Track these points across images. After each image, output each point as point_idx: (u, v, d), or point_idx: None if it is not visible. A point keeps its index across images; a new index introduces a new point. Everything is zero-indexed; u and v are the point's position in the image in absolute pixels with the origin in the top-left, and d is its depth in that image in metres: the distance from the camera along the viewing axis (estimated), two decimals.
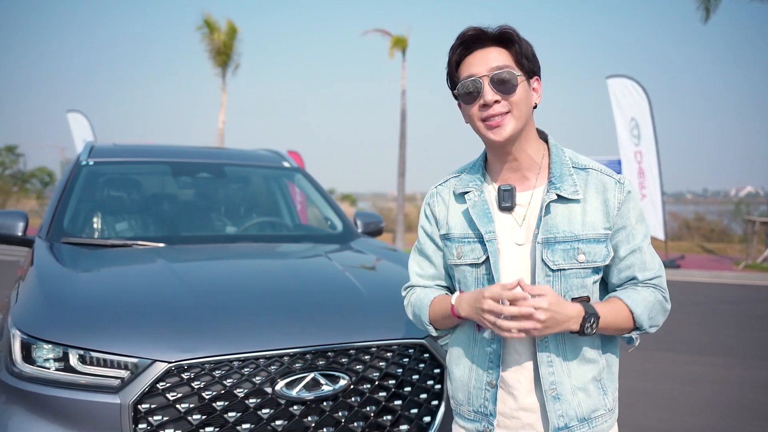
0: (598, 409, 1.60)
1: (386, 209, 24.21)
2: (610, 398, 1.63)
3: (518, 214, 1.61)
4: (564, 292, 1.54)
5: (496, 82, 1.52)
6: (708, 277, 12.07)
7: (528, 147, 1.61)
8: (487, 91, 1.52)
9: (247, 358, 2.13)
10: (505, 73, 1.52)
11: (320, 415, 2.19)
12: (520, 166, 1.61)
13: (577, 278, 1.54)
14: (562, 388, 1.56)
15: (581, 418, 1.57)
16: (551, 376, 1.56)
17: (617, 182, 1.59)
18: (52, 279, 2.62)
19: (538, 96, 1.61)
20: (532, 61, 1.57)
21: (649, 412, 4.38)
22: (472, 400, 1.66)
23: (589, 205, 1.56)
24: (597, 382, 1.60)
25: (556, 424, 1.56)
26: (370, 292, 2.64)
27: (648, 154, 13.11)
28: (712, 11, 13.97)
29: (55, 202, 3.50)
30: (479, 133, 1.61)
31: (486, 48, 1.55)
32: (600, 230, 1.55)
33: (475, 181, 1.67)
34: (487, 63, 1.53)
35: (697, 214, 21.08)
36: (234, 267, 3.09)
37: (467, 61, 1.56)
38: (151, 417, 2.04)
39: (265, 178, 4.58)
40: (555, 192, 1.56)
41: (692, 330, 7.11)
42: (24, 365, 2.12)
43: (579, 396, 1.57)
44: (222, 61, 20.27)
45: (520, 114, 1.55)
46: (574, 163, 1.62)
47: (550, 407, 1.56)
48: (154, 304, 2.38)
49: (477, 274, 1.62)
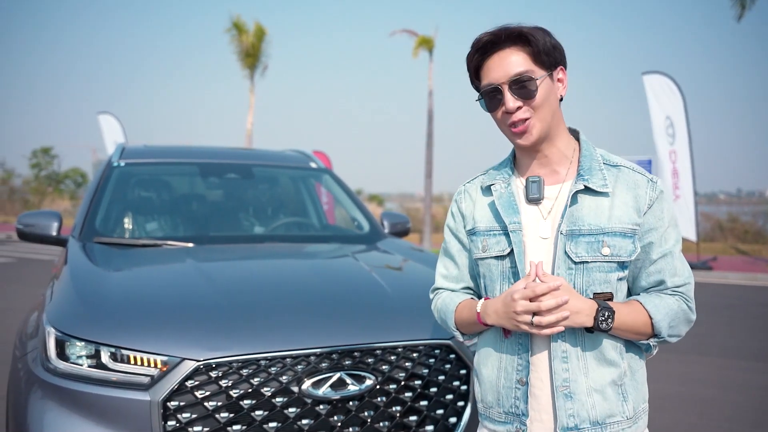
0: (615, 415, 1.53)
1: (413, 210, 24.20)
2: (631, 406, 1.55)
3: (545, 207, 1.59)
4: (586, 287, 1.51)
5: (516, 88, 1.51)
6: (742, 279, 11.80)
7: (558, 141, 1.59)
8: (509, 99, 1.52)
9: (274, 358, 2.15)
10: (524, 78, 1.51)
11: (346, 414, 2.20)
12: (549, 161, 1.60)
13: (600, 272, 1.51)
14: (576, 386, 1.51)
15: (594, 421, 1.51)
16: (565, 373, 1.52)
17: (650, 180, 1.56)
18: (85, 278, 2.68)
19: (563, 87, 1.59)
20: (551, 54, 1.54)
21: (681, 417, 4.31)
22: (502, 401, 1.60)
23: (618, 199, 1.53)
24: (617, 386, 1.53)
25: (565, 423, 1.51)
26: (397, 292, 2.64)
27: (682, 154, 12.84)
28: (747, 8, 13.68)
29: (88, 203, 3.57)
30: (507, 137, 1.61)
31: (503, 50, 1.53)
32: (627, 224, 1.51)
33: (503, 174, 1.67)
34: (505, 68, 1.52)
35: (731, 214, 20.63)
36: (262, 267, 3.12)
37: (486, 66, 1.56)
38: (179, 414, 2.07)
39: (292, 179, 4.62)
40: (583, 183, 1.54)
41: (726, 333, 6.97)
42: (58, 362, 2.18)
43: (594, 398, 1.51)
44: (250, 62, 20.48)
45: (544, 115, 1.53)
46: (606, 160, 1.59)
47: (560, 405, 1.51)
48: (183, 304, 2.42)
49: (502, 267, 1.59)
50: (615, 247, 1.50)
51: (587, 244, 1.50)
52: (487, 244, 1.62)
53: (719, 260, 14.00)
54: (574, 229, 1.52)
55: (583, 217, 1.52)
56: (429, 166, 18.37)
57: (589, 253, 1.50)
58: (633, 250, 1.52)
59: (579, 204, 1.54)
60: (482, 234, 1.64)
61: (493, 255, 1.60)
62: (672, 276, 1.55)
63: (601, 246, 1.50)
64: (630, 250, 1.51)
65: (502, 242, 1.59)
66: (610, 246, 1.50)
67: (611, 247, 1.50)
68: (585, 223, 1.52)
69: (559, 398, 1.51)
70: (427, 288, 2.21)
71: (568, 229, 1.52)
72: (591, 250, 1.50)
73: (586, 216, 1.52)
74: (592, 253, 1.50)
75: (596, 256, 1.50)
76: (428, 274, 3.02)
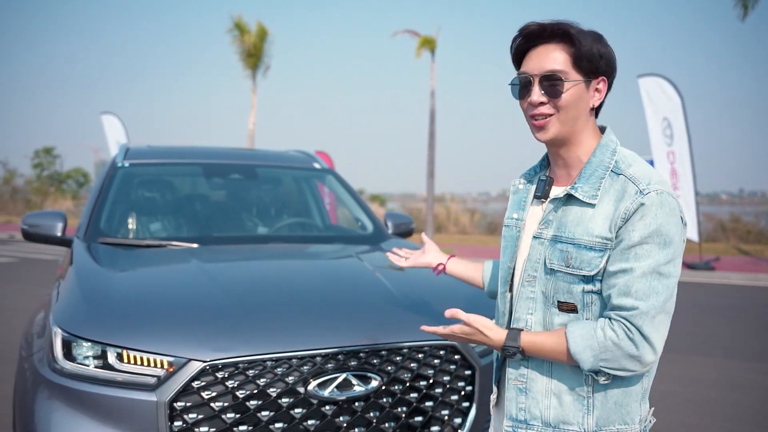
0: (570, 424, 1.51)
1: (415, 210, 24.19)
2: (593, 421, 1.49)
3: (546, 207, 1.61)
4: (553, 293, 1.52)
5: (545, 84, 1.51)
6: (745, 279, 11.79)
7: (578, 148, 1.56)
8: (535, 92, 1.52)
9: (280, 358, 2.16)
10: (555, 77, 1.50)
11: (352, 415, 2.20)
12: (566, 164, 1.60)
13: (564, 282, 1.50)
14: (533, 384, 1.55)
15: (546, 422, 1.53)
16: (523, 369, 1.57)
17: (638, 191, 1.44)
18: (91, 279, 2.68)
19: (599, 98, 1.55)
20: (595, 61, 1.50)
21: (683, 417, 4.31)
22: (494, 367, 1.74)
23: (599, 210, 1.48)
24: (579, 396, 1.51)
25: (514, 415, 1.57)
26: (401, 293, 2.65)
27: (681, 154, 12.86)
28: (751, 8, 13.67)
29: (92, 204, 3.58)
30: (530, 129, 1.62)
31: (546, 44, 1.53)
32: (595, 238, 1.46)
33: (531, 172, 1.72)
34: (542, 62, 1.51)
35: (733, 215, 20.57)
36: (266, 267, 3.13)
37: (528, 55, 1.56)
38: (186, 415, 2.08)
39: (296, 179, 4.63)
40: (569, 191, 1.52)
41: (729, 334, 6.96)
42: (65, 362, 2.18)
43: (551, 400, 1.53)
44: (252, 63, 20.50)
45: (566, 118, 1.52)
46: (615, 166, 1.52)
47: (511, 396, 1.58)
48: (188, 304, 2.43)
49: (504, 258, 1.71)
50: (577, 260, 1.47)
51: (559, 252, 1.51)
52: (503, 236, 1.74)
53: (721, 260, 13.99)
54: (557, 235, 1.53)
55: (567, 225, 1.52)
56: (431, 166, 18.37)
57: (558, 261, 1.51)
58: (597, 266, 1.45)
59: (566, 211, 1.54)
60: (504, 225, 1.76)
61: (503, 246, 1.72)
62: (620, 296, 1.42)
63: (567, 257, 1.49)
64: (594, 264, 1.45)
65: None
66: (574, 258, 1.48)
67: (574, 259, 1.48)
68: (566, 231, 1.52)
69: (510, 390, 1.59)
70: (432, 288, 2.22)
71: (552, 234, 1.54)
72: (559, 258, 1.51)
73: (569, 224, 1.52)
74: (559, 262, 1.51)
75: (561, 266, 1.50)
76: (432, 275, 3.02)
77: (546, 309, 1.54)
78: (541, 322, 1.55)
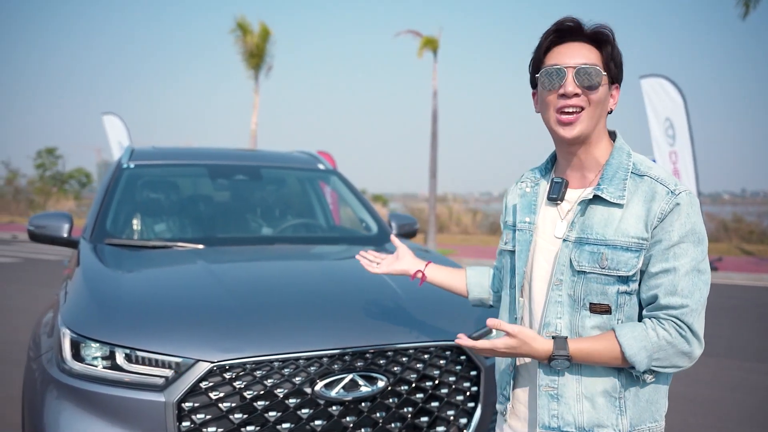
0: (605, 426, 1.52)
1: (417, 210, 24.18)
2: (627, 421, 1.51)
3: (563, 209, 1.61)
4: (584, 295, 1.52)
5: (582, 75, 1.51)
6: (747, 279, 11.79)
7: (595, 150, 1.58)
8: (570, 82, 1.51)
9: (287, 359, 2.17)
10: (592, 69, 1.51)
11: (358, 415, 2.22)
12: (582, 165, 1.60)
13: (597, 284, 1.50)
14: (565, 390, 1.53)
15: (580, 426, 1.52)
16: (553, 375, 1.54)
17: (669, 192, 1.48)
18: (98, 280, 2.70)
19: (614, 103, 1.60)
20: (618, 68, 1.57)
21: (686, 417, 4.32)
22: (501, 383, 1.73)
23: (629, 211, 1.49)
24: (612, 398, 1.52)
25: (547, 423, 1.54)
26: (407, 293, 2.66)
27: (683, 154, 12.87)
28: (752, 7, 13.66)
29: (98, 205, 3.59)
30: (549, 126, 1.59)
31: (579, 42, 1.54)
32: (631, 238, 1.47)
33: (537, 174, 1.72)
34: (576, 57, 1.52)
35: (735, 215, 20.55)
36: (272, 268, 3.15)
37: (557, 50, 1.55)
38: (194, 415, 2.10)
39: (300, 180, 4.64)
40: (595, 192, 1.53)
41: (732, 334, 6.96)
42: (73, 362, 2.20)
43: (584, 404, 1.52)
44: (255, 63, 20.49)
45: (594, 114, 1.53)
46: (636, 168, 1.55)
47: (543, 404, 1.55)
48: (195, 305, 2.44)
49: (510, 262, 1.69)
50: (614, 261, 1.48)
51: (589, 254, 1.51)
52: (507, 239, 1.73)
53: (724, 261, 13.98)
54: (582, 237, 1.53)
55: (593, 226, 1.52)
56: (433, 166, 18.37)
57: (590, 263, 1.51)
58: (634, 266, 1.47)
59: (591, 212, 1.54)
60: (507, 228, 1.75)
61: (508, 249, 1.71)
62: (668, 295, 1.45)
63: (601, 258, 1.49)
64: (631, 264, 1.47)
65: (513, 239, 1.69)
66: (609, 259, 1.48)
67: (610, 260, 1.48)
68: (593, 232, 1.52)
69: (542, 397, 1.56)
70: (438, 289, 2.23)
71: (576, 236, 1.54)
72: (591, 260, 1.50)
73: (595, 225, 1.52)
74: (591, 263, 1.50)
75: (594, 267, 1.50)
76: None
77: (574, 312, 1.53)
78: (568, 326, 1.54)
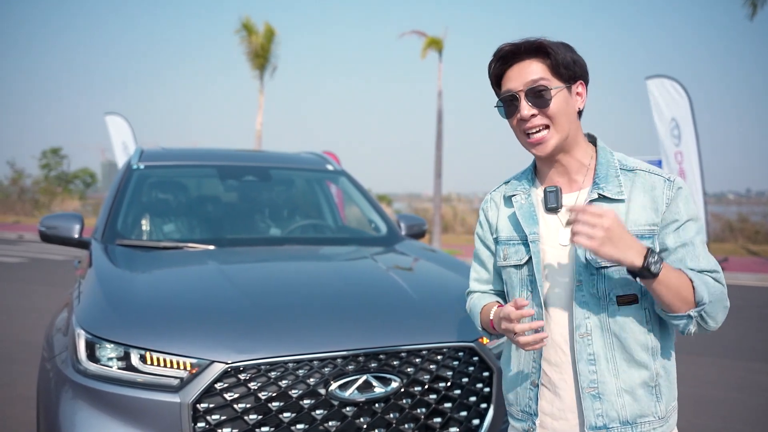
0: (647, 415, 1.56)
1: (422, 210, 24.19)
2: (663, 406, 1.58)
3: (563, 215, 1.62)
4: (609, 290, 1.54)
5: (532, 95, 1.55)
6: (754, 280, 11.76)
7: (576, 152, 1.62)
8: (524, 106, 1.56)
9: (301, 360, 2.18)
10: (540, 86, 1.54)
11: (372, 416, 2.23)
12: (567, 170, 1.63)
13: (621, 275, 1.53)
14: (605, 387, 1.55)
15: (624, 421, 1.55)
16: (592, 375, 1.55)
17: (666, 180, 1.57)
18: (112, 281, 2.71)
19: (582, 101, 1.62)
20: (571, 68, 1.58)
21: (693, 418, 4.31)
22: (519, 400, 1.70)
23: (634, 203, 1.55)
24: (650, 387, 1.57)
25: (593, 423, 1.55)
26: (419, 294, 2.67)
27: (689, 155, 12.86)
28: (759, 7, 13.63)
29: (109, 206, 3.61)
30: (524, 147, 1.63)
31: (522, 61, 1.58)
32: (644, 226, 1.53)
33: (524, 184, 1.71)
34: (523, 77, 1.56)
35: (741, 215, 20.47)
36: (284, 269, 3.16)
37: (506, 76, 1.60)
38: (209, 416, 2.11)
39: (309, 181, 4.66)
40: (597, 191, 1.56)
41: (738, 334, 6.95)
42: (88, 363, 2.21)
43: (625, 398, 1.55)
44: (260, 63, 20.51)
45: (560, 126, 1.57)
46: (623, 165, 1.61)
47: (588, 405, 1.55)
48: (209, 306, 2.45)
49: (521, 276, 1.66)
50: None
51: None
52: (507, 253, 1.70)
53: (730, 261, 13.95)
54: None
55: None
56: (438, 166, 18.36)
57: None
58: None
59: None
60: (503, 243, 1.72)
61: (512, 264, 1.68)
62: (694, 261, 1.52)
63: None
64: None
65: (521, 251, 1.66)
66: None
67: None
68: None
69: (586, 399, 1.56)
70: (448, 290, 2.25)
71: None
72: None
73: None
74: None
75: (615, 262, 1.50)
76: (448, 276, 3.05)
77: (600, 308, 1.55)
78: (598, 324, 1.55)
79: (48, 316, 6.00)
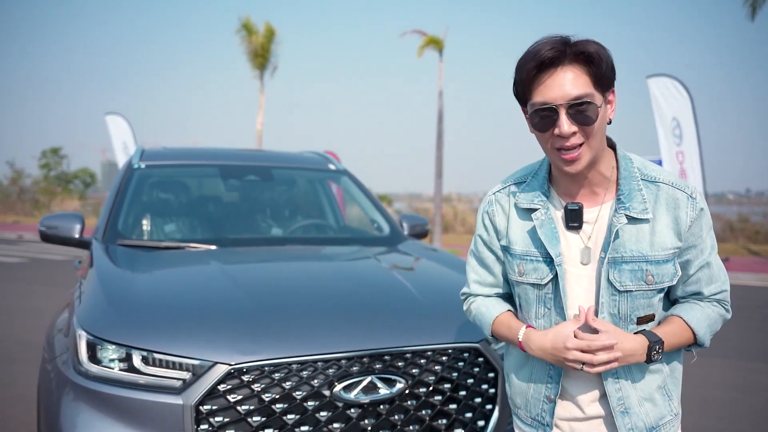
0: (665, 416, 1.60)
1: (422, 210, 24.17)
2: (675, 402, 1.62)
3: (585, 233, 1.54)
4: (630, 312, 1.52)
5: (575, 113, 1.40)
6: (754, 280, 11.74)
7: (601, 165, 1.52)
8: (564, 122, 1.40)
9: (305, 361, 2.16)
10: (585, 103, 1.40)
11: (377, 418, 2.20)
12: (590, 182, 1.54)
13: (644, 299, 1.51)
14: (629, 401, 1.56)
15: (650, 427, 1.58)
16: (618, 392, 1.55)
17: (689, 197, 1.51)
18: (113, 281, 2.69)
19: (612, 110, 1.49)
20: (610, 77, 1.44)
21: (697, 419, 4.29)
22: (529, 408, 1.67)
23: (658, 223, 1.49)
24: (662, 389, 1.59)
25: None
26: (423, 295, 2.65)
27: (690, 154, 12.84)
28: (759, 7, 13.61)
29: (110, 205, 3.58)
30: (552, 161, 1.53)
31: (564, 67, 1.40)
32: (669, 250, 1.50)
33: (540, 196, 1.59)
34: (565, 89, 1.39)
35: (741, 215, 20.47)
36: (287, 269, 3.13)
37: (542, 83, 1.42)
38: (212, 418, 2.08)
39: (311, 181, 4.63)
40: (624, 213, 1.49)
41: (740, 335, 6.93)
42: (90, 365, 2.19)
43: (646, 406, 1.57)
44: (260, 63, 20.49)
45: (594, 142, 1.45)
46: (643, 174, 1.53)
47: (619, 422, 1.56)
48: (212, 307, 2.43)
49: (539, 294, 1.58)
50: (658, 275, 1.50)
51: (630, 273, 1.49)
52: (524, 270, 1.59)
53: (731, 261, 13.93)
54: (616, 256, 1.50)
55: (625, 244, 1.50)
56: (439, 165, 18.34)
57: (633, 281, 1.50)
58: (674, 273, 1.53)
59: (620, 231, 1.50)
60: (518, 257, 1.61)
61: (531, 282, 1.59)
62: (708, 285, 1.58)
63: (645, 275, 1.50)
64: (672, 273, 1.52)
65: (541, 270, 1.56)
66: (654, 275, 1.50)
67: (655, 276, 1.50)
68: (627, 250, 1.49)
69: (617, 417, 1.56)
70: (454, 291, 2.22)
71: (611, 256, 1.50)
72: (635, 278, 1.49)
73: (627, 242, 1.49)
74: (636, 281, 1.50)
75: (641, 285, 1.50)
76: (452, 276, 3.03)
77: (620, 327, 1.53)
78: None
79: (48, 317, 5.98)
